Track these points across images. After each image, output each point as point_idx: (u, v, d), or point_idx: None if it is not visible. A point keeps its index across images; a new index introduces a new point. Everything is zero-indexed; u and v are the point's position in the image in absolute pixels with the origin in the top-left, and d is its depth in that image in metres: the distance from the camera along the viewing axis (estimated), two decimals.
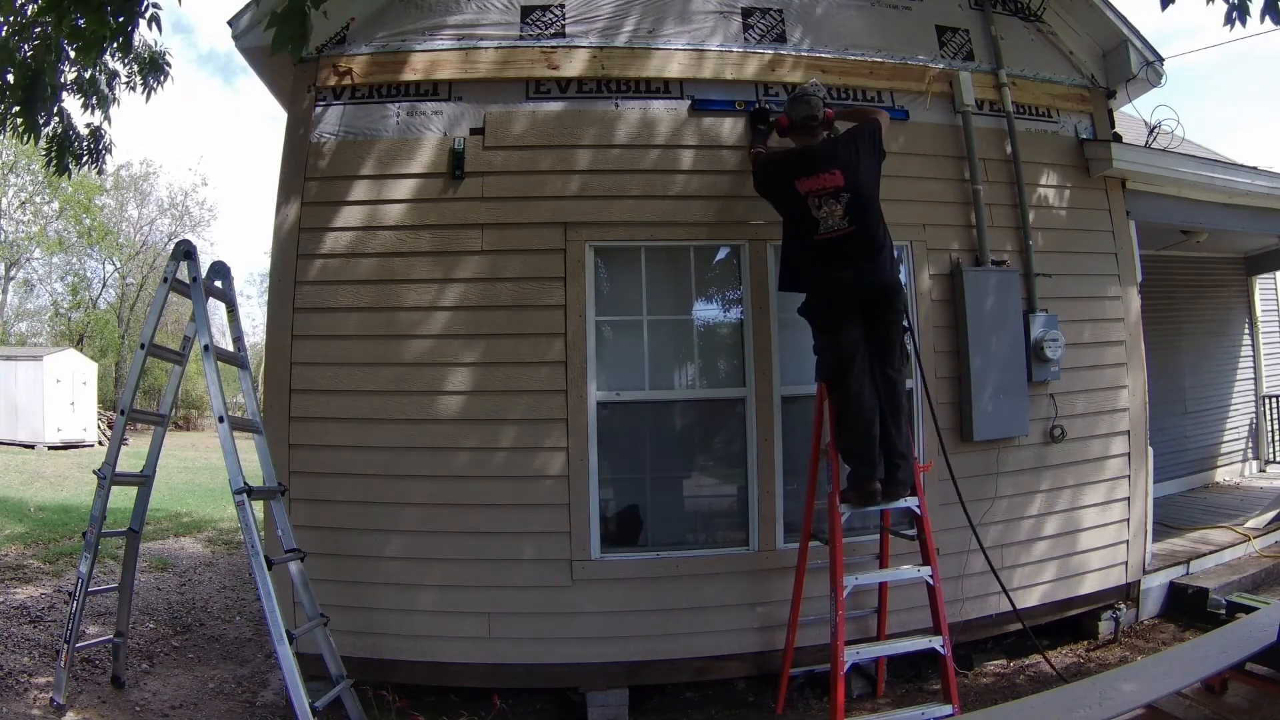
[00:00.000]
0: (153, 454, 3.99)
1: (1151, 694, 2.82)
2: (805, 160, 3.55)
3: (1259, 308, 8.15)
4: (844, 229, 3.44)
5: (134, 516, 3.96)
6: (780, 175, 3.59)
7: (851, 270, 3.47)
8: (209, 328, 3.54)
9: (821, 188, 3.45)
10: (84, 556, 3.59)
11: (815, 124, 3.63)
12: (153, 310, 3.78)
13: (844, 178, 3.45)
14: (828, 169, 3.46)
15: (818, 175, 3.46)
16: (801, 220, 3.52)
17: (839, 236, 3.46)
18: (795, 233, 3.60)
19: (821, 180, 3.45)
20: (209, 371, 3.44)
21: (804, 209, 3.48)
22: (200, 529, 8.25)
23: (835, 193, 3.44)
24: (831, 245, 3.48)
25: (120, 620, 3.96)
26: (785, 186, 3.54)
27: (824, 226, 3.46)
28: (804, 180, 3.48)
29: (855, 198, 3.44)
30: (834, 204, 3.44)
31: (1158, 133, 5.19)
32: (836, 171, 3.45)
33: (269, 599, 3.17)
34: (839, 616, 3.29)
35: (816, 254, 3.52)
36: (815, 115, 3.62)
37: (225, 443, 3.35)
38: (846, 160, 3.50)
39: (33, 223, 29.36)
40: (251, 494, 3.30)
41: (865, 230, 3.47)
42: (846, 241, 3.46)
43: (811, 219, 3.47)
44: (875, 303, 3.48)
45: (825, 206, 3.45)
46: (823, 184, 3.45)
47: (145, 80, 4.96)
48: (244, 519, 3.26)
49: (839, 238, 3.46)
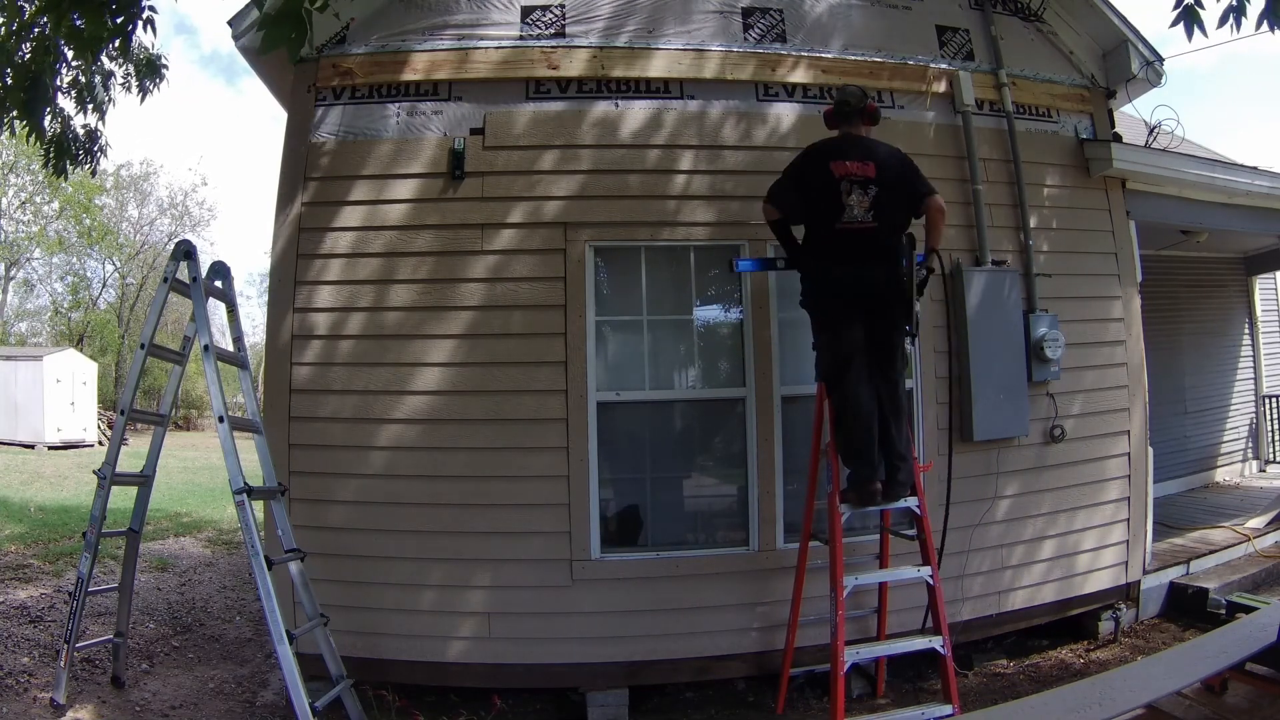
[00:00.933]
0: (153, 454, 3.99)
1: (1151, 694, 2.81)
2: (844, 144, 3.56)
3: (1259, 308, 8.14)
4: (866, 223, 3.43)
5: (134, 516, 3.96)
6: (816, 158, 3.56)
7: (859, 268, 3.44)
8: (209, 328, 3.54)
9: (854, 173, 3.44)
10: (84, 556, 3.59)
11: (851, 111, 3.61)
12: (153, 310, 3.78)
13: (876, 171, 3.45)
14: (864, 159, 3.47)
15: (855, 160, 3.46)
16: (828, 205, 3.46)
17: (859, 230, 3.43)
18: (817, 218, 3.55)
19: (857, 166, 3.44)
20: (209, 371, 3.43)
21: (834, 192, 3.44)
22: (200, 529, 8.24)
23: (865, 183, 3.43)
24: (850, 238, 3.45)
25: (120, 620, 3.96)
26: (819, 167, 3.51)
27: (848, 215, 3.43)
28: (840, 163, 3.46)
29: (883, 193, 3.44)
30: (862, 195, 3.43)
31: (1158, 133, 5.19)
32: (871, 164, 3.46)
33: (269, 599, 3.17)
34: (839, 616, 3.28)
35: (832, 244, 3.49)
36: (849, 101, 3.62)
37: (225, 443, 3.35)
38: (883, 159, 3.50)
39: (33, 223, 29.35)
40: (251, 494, 3.30)
41: (885, 230, 3.45)
42: (864, 237, 3.44)
43: (838, 204, 3.43)
44: (879, 305, 3.46)
45: (854, 194, 3.43)
46: (856, 170, 3.44)
47: (142, 82, 4.96)
48: (244, 519, 3.26)
49: (859, 231, 3.43)
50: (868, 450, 3.40)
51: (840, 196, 3.44)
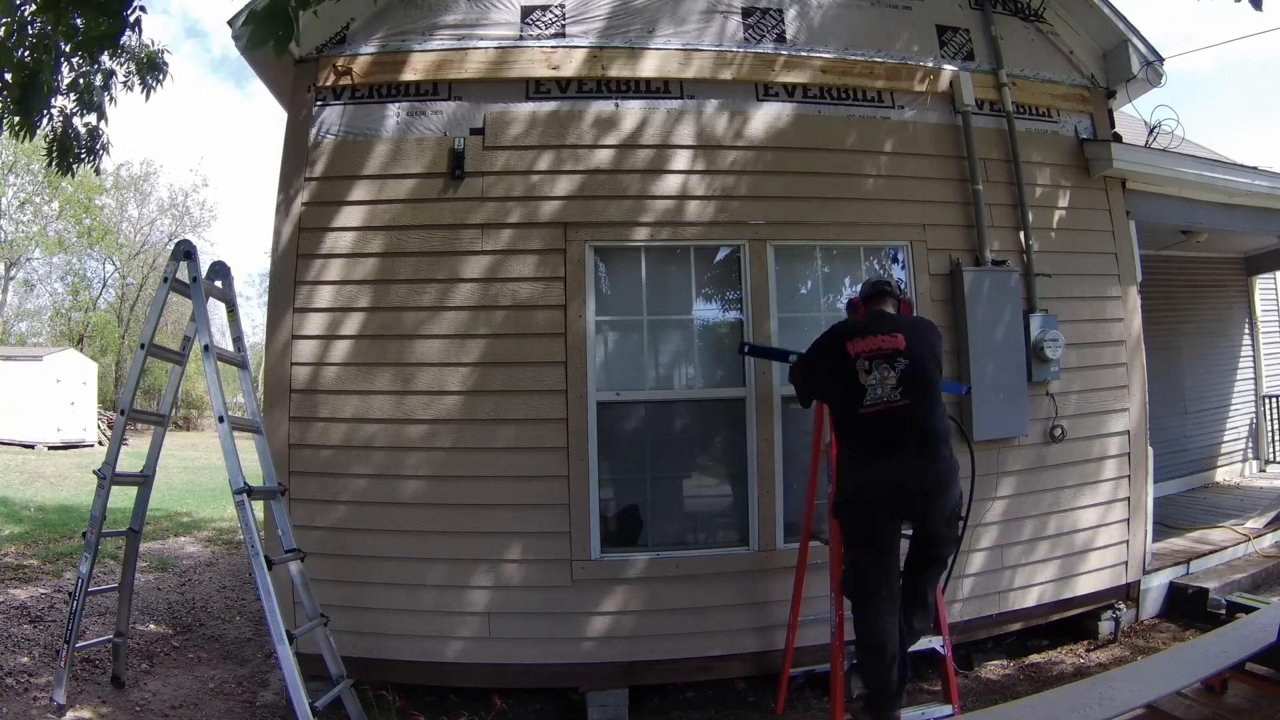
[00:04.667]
0: (153, 454, 3.99)
1: (1151, 694, 2.82)
2: (863, 324, 3.19)
3: (1259, 308, 8.14)
4: (894, 401, 2.95)
5: (134, 516, 3.96)
6: (831, 342, 3.17)
7: (897, 460, 2.92)
8: (209, 328, 3.53)
9: (876, 349, 3.01)
10: (84, 557, 3.59)
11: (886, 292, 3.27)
12: (152, 310, 3.77)
13: (905, 342, 3.02)
14: (889, 331, 3.06)
15: (875, 335, 3.04)
16: (847, 391, 3.03)
17: (888, 411, 2.95)
18: (838, 407, 3.13)
19: (879, 341, 3.02)
20: (209, 372, 3.43)
21: (850, 374, 3.01)
22: (200, 529, 8.25)
23: (891, 356, 2.99)
24: (878, 421, 2.95)
25: (120, 620, 3.96)
26: (834, 350, 3.11)
27: (871, 396, 2.96)
28: (856, 341, 3.06)
29: (913, 366, 2.98)
30: (887, 369, 2.96)
31: (1158, 133, 5.19)
32: (899, 335, 3.04)
33: (269, 599, 3.17)
34: (839, 616, 3.28)
35: (859, 433, 3.02)
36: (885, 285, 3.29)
37: (225, 443, 3.35)
38: (912, 329, 3.10)
39: (33, 223, 29.39)
40: (251, 494, 3.30)
41: (922, 407, 2.96)
42: (897, 417, 2.95)
43: (858, 387, 2.99)
44: (926, 505, 2.96)
45: (876, 371, 2.97)
46: (879, 345, 3.01)
47: (144, 80, 4.95)
48: (244, 519, 3.25)
49: (888, 412, 2.95)
50: (884, 677, 2.97)
51: (859, 376, 2.99)
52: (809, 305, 4.32)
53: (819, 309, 4.32)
